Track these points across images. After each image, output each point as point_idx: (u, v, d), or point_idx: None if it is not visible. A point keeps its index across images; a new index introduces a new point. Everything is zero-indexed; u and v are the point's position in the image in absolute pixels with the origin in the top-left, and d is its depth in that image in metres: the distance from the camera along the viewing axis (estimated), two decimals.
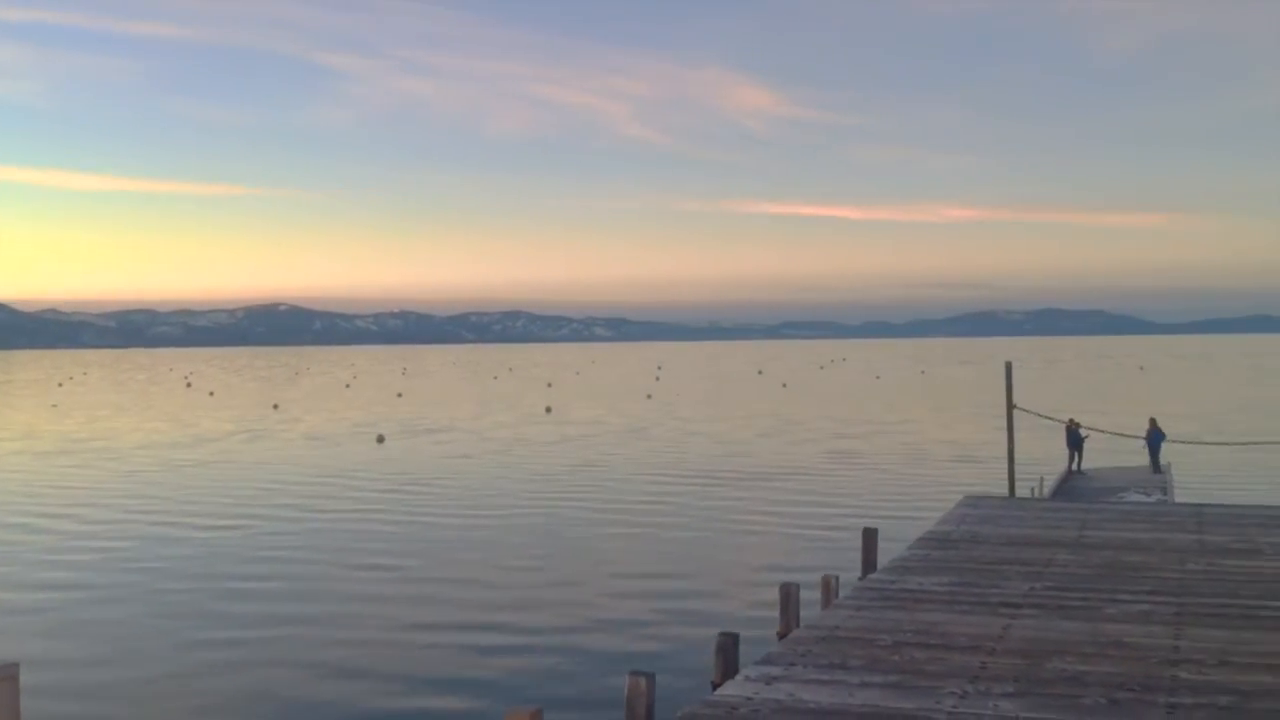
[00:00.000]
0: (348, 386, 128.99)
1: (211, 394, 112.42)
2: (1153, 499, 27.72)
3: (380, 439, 56.91)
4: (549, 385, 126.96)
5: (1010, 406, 19.45)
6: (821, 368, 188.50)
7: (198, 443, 56.71)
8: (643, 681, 9.55)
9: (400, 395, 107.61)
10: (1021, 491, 29.12)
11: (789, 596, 14.22)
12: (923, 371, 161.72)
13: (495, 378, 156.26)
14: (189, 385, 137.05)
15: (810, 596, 15.27)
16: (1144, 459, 35.17)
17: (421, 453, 50.74)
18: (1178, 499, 27.92)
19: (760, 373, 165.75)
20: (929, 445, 51.71)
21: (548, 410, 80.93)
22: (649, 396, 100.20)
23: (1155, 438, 34.90)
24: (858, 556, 17.83)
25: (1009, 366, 19.99)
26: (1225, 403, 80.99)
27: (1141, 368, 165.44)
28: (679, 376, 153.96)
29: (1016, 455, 24.93)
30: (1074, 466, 34.79)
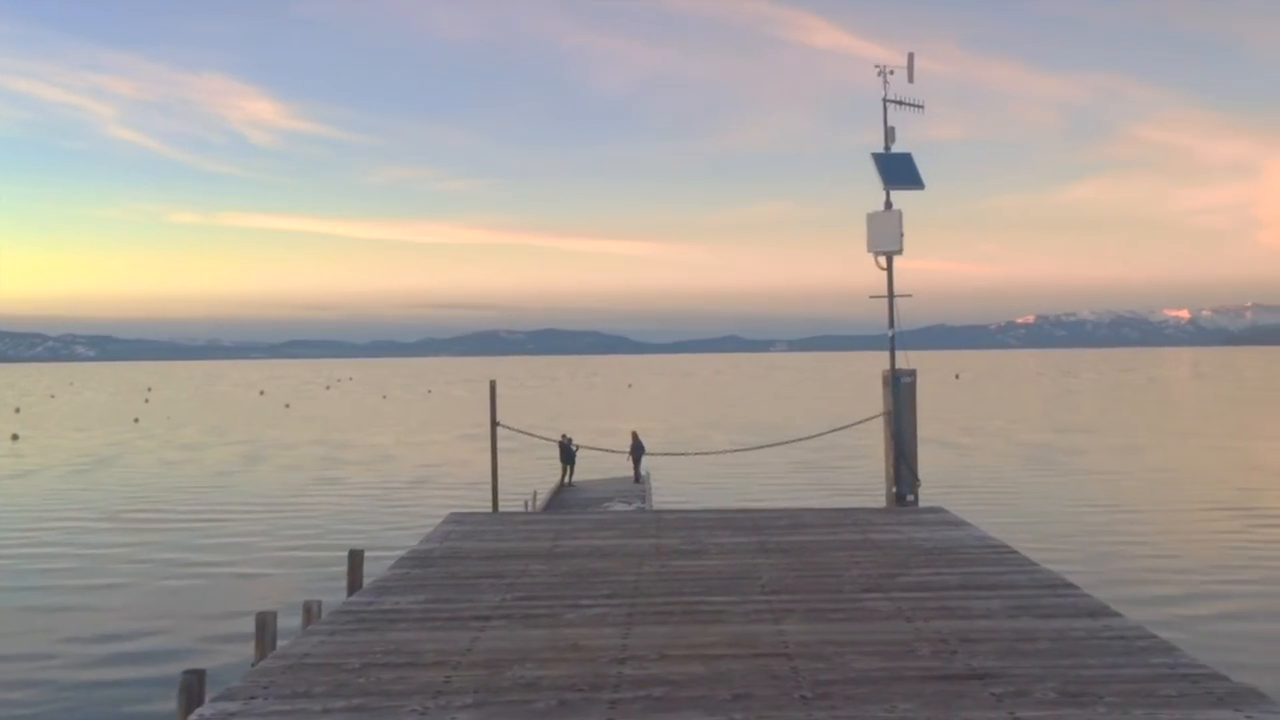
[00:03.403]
0: None
1: None
2: (633, 507, 29.90)
3: None
4: (17, 410, 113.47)
5: (494, 424, 20.11)
6: (328, 387, 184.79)
7: None
8: None
9: None
10: (516, 506, 30.21)
11: (265, 626, 13.64)
12: (429, 391, 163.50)
13: None
14: None
15: (294, 625, 14.80)
16: (629, 470, 37.92)
17: None
18: (656, 506, 30.31)
19: (262, 393, 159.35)
20: (428, 464, 52.29)
21: (14, 439, 72.36)
22: (136, 421, 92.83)
23: (636, 450, 37.77)
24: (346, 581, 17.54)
25: (493, 386, 20.69)
26: (697, 417, 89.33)
27: (630, 385, 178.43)
28: (172, 398, 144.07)
29: (516, 472, 25.88)
30: (566, 480, 36.71)
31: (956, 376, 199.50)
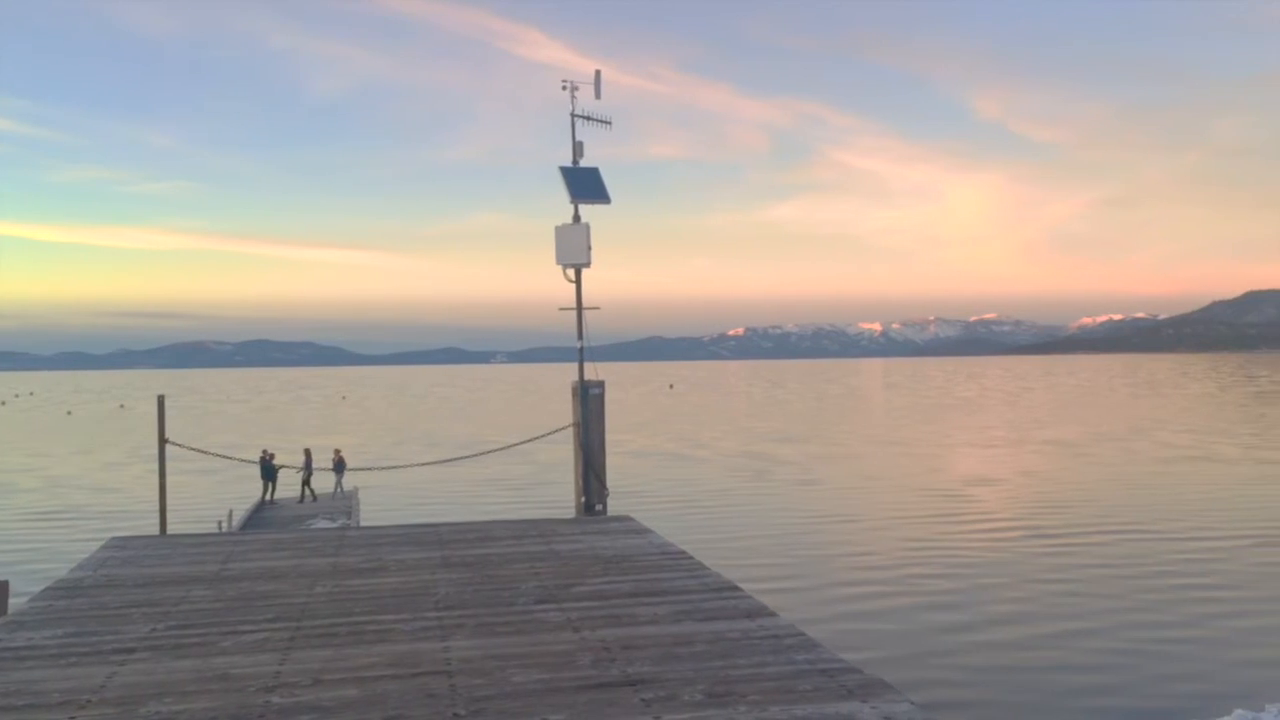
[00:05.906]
0: None
1: None
2: (338, 524, 28.95)
3: None
4: None
5: (162, 441, 18.91)
6: (3, 403, 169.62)
7: None
8: None
9: None
10: (210, 527, 28.61)
11: None
12: (121, 406, 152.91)
13: None
14: None
15: None
16: (334, 486, 36.85)
17: None
18: (363, 523, 29.42)
19: None
20: (108, 486, 48.86)
21: None
22: None
23: (339, 466, 36.81)
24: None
25: (160, 400, 19.44)
26: (408, 429, 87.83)
27: (344, 398, 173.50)
28: None
29: (214, 492, 24.34)
30: (267, 497, 35.18)
31: (671, 387, 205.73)
